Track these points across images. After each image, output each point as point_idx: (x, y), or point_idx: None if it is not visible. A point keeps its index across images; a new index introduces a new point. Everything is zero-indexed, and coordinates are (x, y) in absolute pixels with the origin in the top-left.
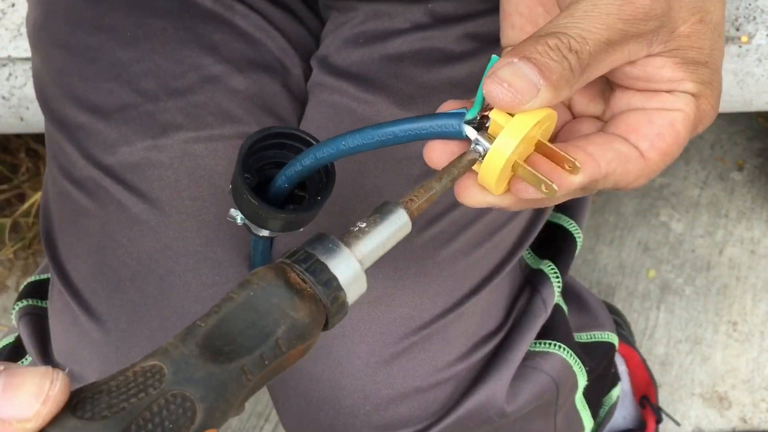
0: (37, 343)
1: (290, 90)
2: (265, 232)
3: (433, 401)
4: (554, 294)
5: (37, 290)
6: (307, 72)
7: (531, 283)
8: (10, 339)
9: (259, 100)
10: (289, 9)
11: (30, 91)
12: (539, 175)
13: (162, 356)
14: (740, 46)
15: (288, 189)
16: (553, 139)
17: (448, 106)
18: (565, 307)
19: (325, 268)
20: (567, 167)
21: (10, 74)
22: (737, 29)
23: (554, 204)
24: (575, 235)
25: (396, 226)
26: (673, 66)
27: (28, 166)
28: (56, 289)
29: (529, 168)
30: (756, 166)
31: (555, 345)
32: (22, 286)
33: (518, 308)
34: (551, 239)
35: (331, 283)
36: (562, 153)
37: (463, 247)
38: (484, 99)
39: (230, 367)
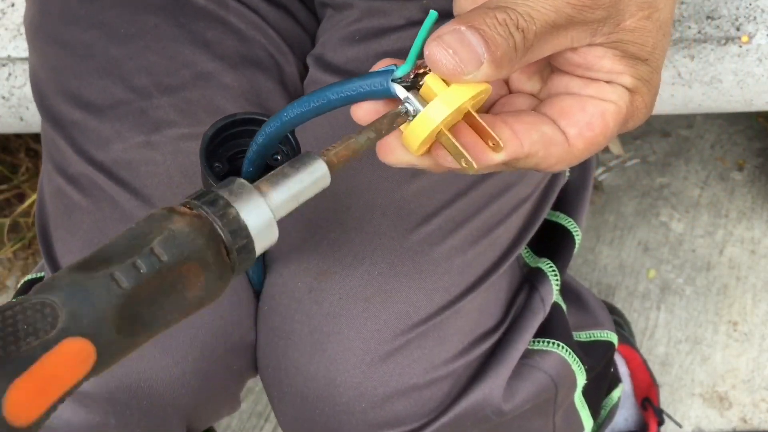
0: None
1: (284, 87)
2: None
3: (430, 399)
4: (553, 292)
5: None
6: (302, 70)
7: (529, 281)
8: None
9: (253, 97)
10: (283, 7)
11: (30, 91)
12: (461, 149)
13: (40, 285)
14: (740, 46)
15: (254, 173)
16: (486, 110)
17: (383, 63)
18: (564, 306)
19: (227, 204)
20: (490, 143)
21: (9, 74)
22: (737, 29)
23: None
24: (574, 234)
25: (313, 177)
26: (613, 58)
27: (27, 166)
28: None
29: (453, 139)
30: (756, 166)
31: (553, 343)
32: (19, 285)
33: (516, 306)
34: (549, 237)
35: (228, 215)
36: (488, 129)
37: (460, 244)
38: (417, 57)
39: (96, 274)
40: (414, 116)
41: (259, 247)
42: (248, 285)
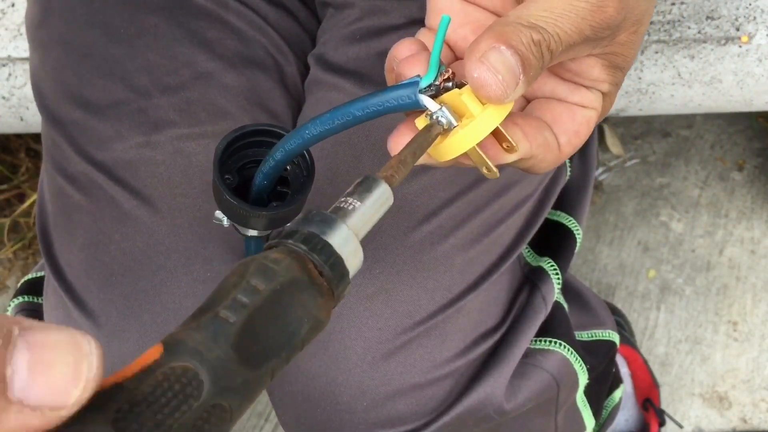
0: None
1: (285, 87)
2: (253, 232)
3: (432, 398)
4: (554, 291)
5: (34, 288)
6: (303, 70)
7: (531, 280)
8: None
9: (253, 96)
10: (283, 7)
11: (30, 91)
12: (485, 159)
13: (195, 358)
14: (740, 46)
15: (268, 186)
16: None
17: (405, 45)
18: (565, 306)
19: (330, 250)
20: (505, 146)
21: (10, 74)
22: (737, 29)
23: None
24: (575, 233)
25: (382, 199)
26: (601, 67)
27: (28, 166)
28: (50, 284)
29: (481, 152)
30: (756, 166)
31: (555, 342)
32: (19, 284)
33: (518, 305)
34: (551, 237)
35: (337, 267)
36: (506, 134)
37: (461, 242)
38: (440, 65)
39: (261, 371)
40: (445, 127)
41: (351, 269)
42: None
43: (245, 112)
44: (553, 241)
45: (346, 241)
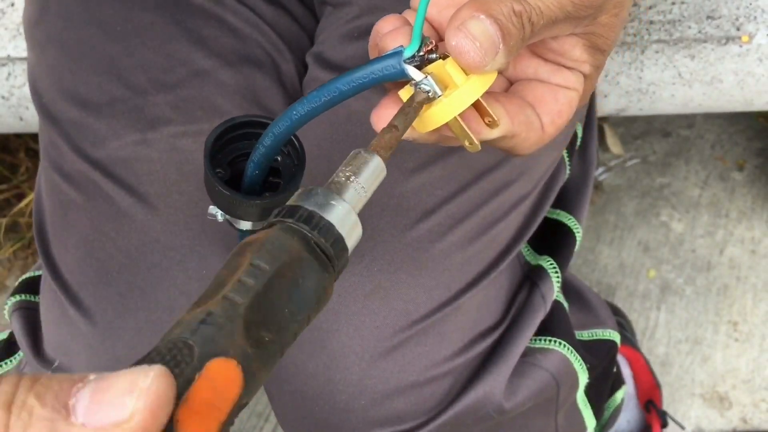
0: (28, 336)
1: (282, 85)
2: (246, 225)
3: (430, 396)
4: (554, 289)
5: (32, 286)
6: (300, 68)
7: (530, 278)
8: (4, 335)
9: (249, 94)
10: (280, 4)
11: (29, 90)
12: (468, 132)
13: (237, 356)
14: (741, 46)
15: (260, 176)
16: None
17: (389, 21)
18: (565, 304)
19: (330, 227)
20: (487, 121)
21: (9, 74)
22: (738, 29)
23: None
24: (574, 231)
25: (376, 172)
26: (582, 48)
27: (27, 165)
28: (47, 282)
29: (462, 123)
30: (756, 166)
31: (555, 341)
32: (17, 283)
33: (517, 303)
34: (550, 235)
35: (338, 243)
36: (488, 108)
37: (459, 240)
38: (422, 36)
39: (273, 349)
40: (430, 95)
41: (350, 243)
42: None
43: (241, 110)
44: (553, 239)
45: (345, 217)
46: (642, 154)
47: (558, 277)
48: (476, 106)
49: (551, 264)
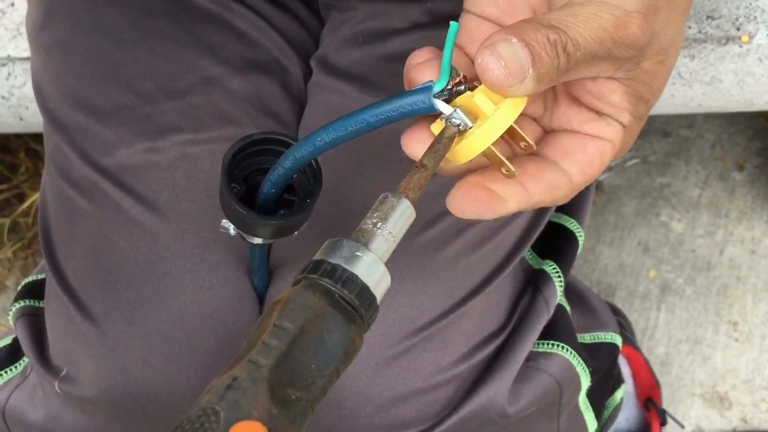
0: (34, 344)
1: (289, 91)
2: (259, 240)
3: (435, 402)
4: (557, 294)
5: (35, 290)
6: (306, 72)
7: (533, 283)
8: (8, 340)
9: (258, 101)
10: (287, 9)
11: (29, 90)
12: (503, 159)
13: (236, 410)
14: (741, 46)
15: (275, 194)
16: None
17: (421, 53)
18: (568, 308)
19: (356, 280)
20: (523, 146)
21: (9, 74)
22: (738, 29)
23: None
24: (577, 235)
25: (404, 217)
26: (623, 94)
27: (27, 165)
28: (53, 290)
29: (496, 151)
30: (756, 166)
31: (558, 345)
32: (19, 287)
33: (520, 309)
34: (553, 239)
35: (364, 295)
36: (521, 132)
37: (463, 247)
38: (451, 69)
39: (301, 406)
40: (461, 130)
41: (379, 294)
42: (252, 292)
43: (249, 117)
44: (555, 243)
45: (371, 267)
46: (642, 154)
47: (561, 281)
48: (510, 131)
49: (554, 268)
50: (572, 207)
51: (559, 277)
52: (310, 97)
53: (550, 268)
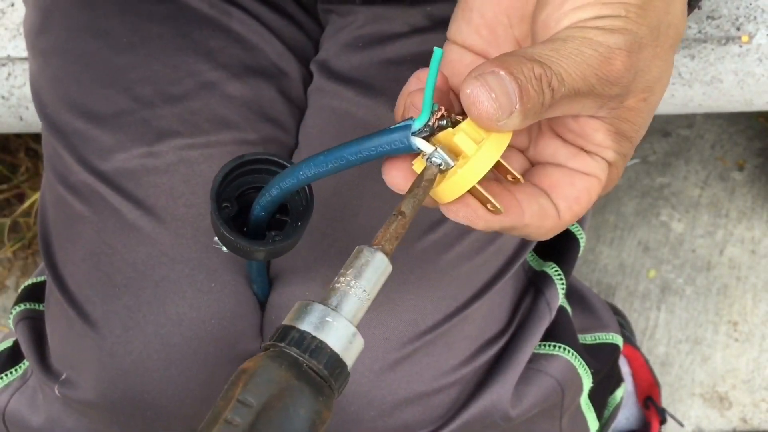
0: (34, 348)
1: (288, 95)
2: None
3: (438, 406)
4: (558, 296)
5: (35, 293)
6: (306, 77)
7: (535, 285)
8: (8, 343)
9: (256, 106)
10: (286, 14)
11: (29, 91)
12: (488, 195)
13: None
14: (741, 46)
15: (266, 217)
16: None
17: (418, 77)
18: (569, 309)
19: (325, 349)
20: (510, 178)
21: (9, 74)
22: (738, 29)
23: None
24: (578, 237)
25: (378, 272)
26: (605, 132)
27: (27, 165)
28: (52, 294)
29: (481, 189)
30: (756, 166)
31: (560, 347)
32: (19, 289)
33: (522, 311)
34: (554, 241)
35: (332, 363)
36: (508, 166)
37: (466, 251)
38: (432, 105)
39: None
40: (442, 169)
41: (350, 359)
42: (252, 296)
43: (248, 122)
44: (557, 245)
45: (342, 332)
46: (642, 154)
47: (563, 283)
48: (497, 166)
49: (556, 270)
50: None
51: (561, 278)
52: (311, 101)
53: (552, 270)
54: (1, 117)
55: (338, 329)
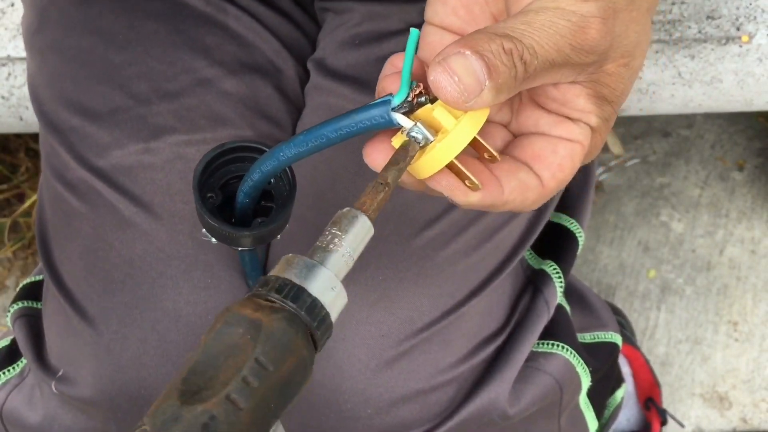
0: (31, 345)
1: (284, 92)
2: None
3: (435, 404)
4: (557, 294)
5: (34, 291)
6: (302, 75)
7: (533, 283)
8: (6, 342)
9: (252, 103)
10: (282, 11)
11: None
12: (466, 171)
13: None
14: (741, 46)
15: (251, 204)
16: None
17: (396, 59)
18: (567, 308)
19: (304, 292)
20: (487, 156)
21: (9, 74)
22: (738, 29)
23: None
24: (577, 235)
25: (362, 233)
26: (587, 97)
27: (27, 165)
28: (50, 291)
29: (459, 164)
30: (756, 166)
31: (558, 346)
32: (18, 288)
33: (520, 309)
34: (552, 239)
35: (313, 304)
36: (486, 144)
37: (463, 248)
38: (411, 82)
39: (214, 401)
40: (422, 144)
41: (335, 317)
42: (247, 291)
43: (244, 119)
44: (555, 243)
45: (329, 287)
46: (642, 154)
47: (561, 282)
48: (474, 143)
49: (554, 269)
50: (572, 207)
51: (560, 277)
52: (308, 99)
53: (550, 268)
54: (1, 117)
55: (326, 282)
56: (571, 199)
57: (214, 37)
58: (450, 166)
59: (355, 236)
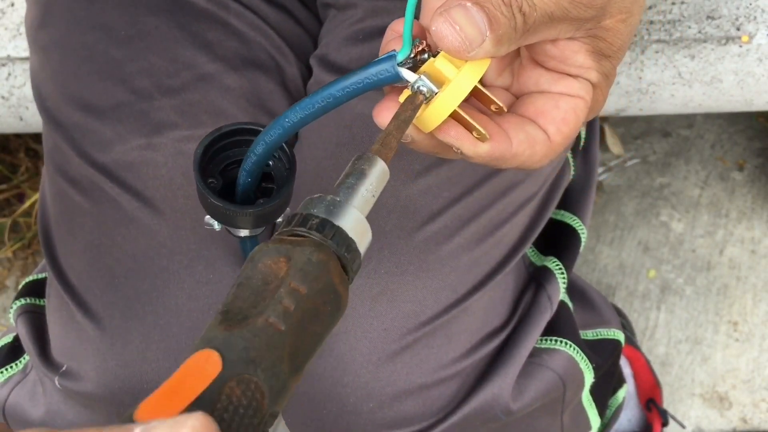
0: (35, 341)
1: (286, 88)
2: (245, 232)
3: (438, 398)
4: (560, 290)
5: (36, 289)
6: (304, 73)
7: (536, 279)
8: (9, 338)
9: (254, 98)
10: (284, 8)
11: (29, 90)
12: (472, 122)
13: (256, 370)
14: (740, 46)
15: (252, 183)
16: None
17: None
18: (570, 305)
19: (327, 223)
20: (493, 108)
21: (9, 74)
22: (738, 29)
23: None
24: (579, 232)
25: (380, 175)
26: (585, 53)
27: (27, 165)
28: (53, 286)
29: (464, 114)
30: (756, 166)
31: (561, 342)
32: (20, 286)
33: (523, 305)
34: (555, 236)
35: (339, 232)
36: (489, 94)
37: (466, 242)
38: (413, 39)
39: (301, 373)
40: (427, 96)
41: (363, 251)
42: None
43: (246, 114)
44: (558, 240)
45: (357, 224)
46: (642, 154)
47: (564, 278)
48: (478, 95)
49: (557, 265)
50: (574, 204)
51: (562, 273)
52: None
53: (553, 264)
54: (1, 117)
55: (354, 219)
56: (573, 196)
57: (215, 33)
58: (458, 119)
59: (373, 176)
